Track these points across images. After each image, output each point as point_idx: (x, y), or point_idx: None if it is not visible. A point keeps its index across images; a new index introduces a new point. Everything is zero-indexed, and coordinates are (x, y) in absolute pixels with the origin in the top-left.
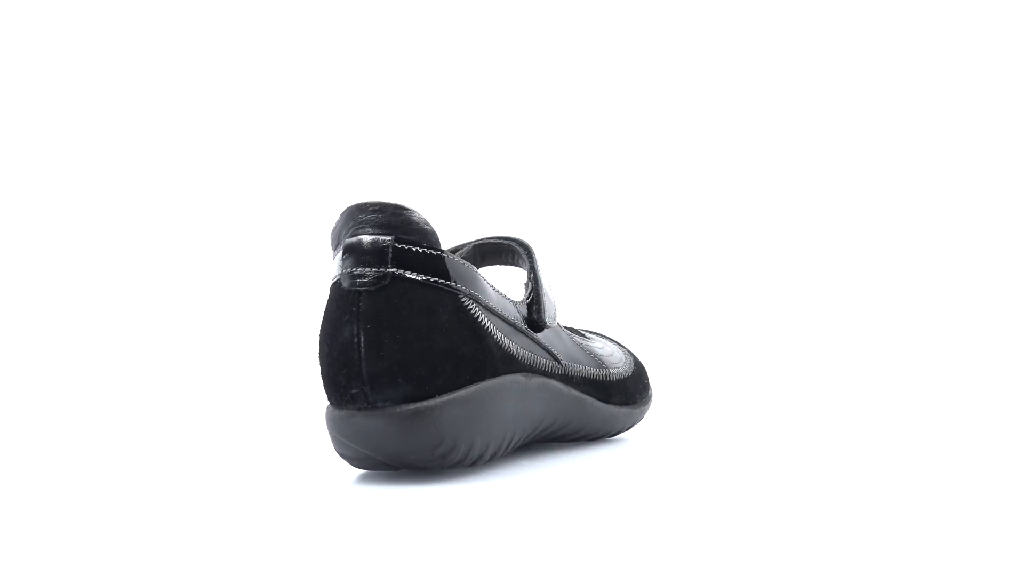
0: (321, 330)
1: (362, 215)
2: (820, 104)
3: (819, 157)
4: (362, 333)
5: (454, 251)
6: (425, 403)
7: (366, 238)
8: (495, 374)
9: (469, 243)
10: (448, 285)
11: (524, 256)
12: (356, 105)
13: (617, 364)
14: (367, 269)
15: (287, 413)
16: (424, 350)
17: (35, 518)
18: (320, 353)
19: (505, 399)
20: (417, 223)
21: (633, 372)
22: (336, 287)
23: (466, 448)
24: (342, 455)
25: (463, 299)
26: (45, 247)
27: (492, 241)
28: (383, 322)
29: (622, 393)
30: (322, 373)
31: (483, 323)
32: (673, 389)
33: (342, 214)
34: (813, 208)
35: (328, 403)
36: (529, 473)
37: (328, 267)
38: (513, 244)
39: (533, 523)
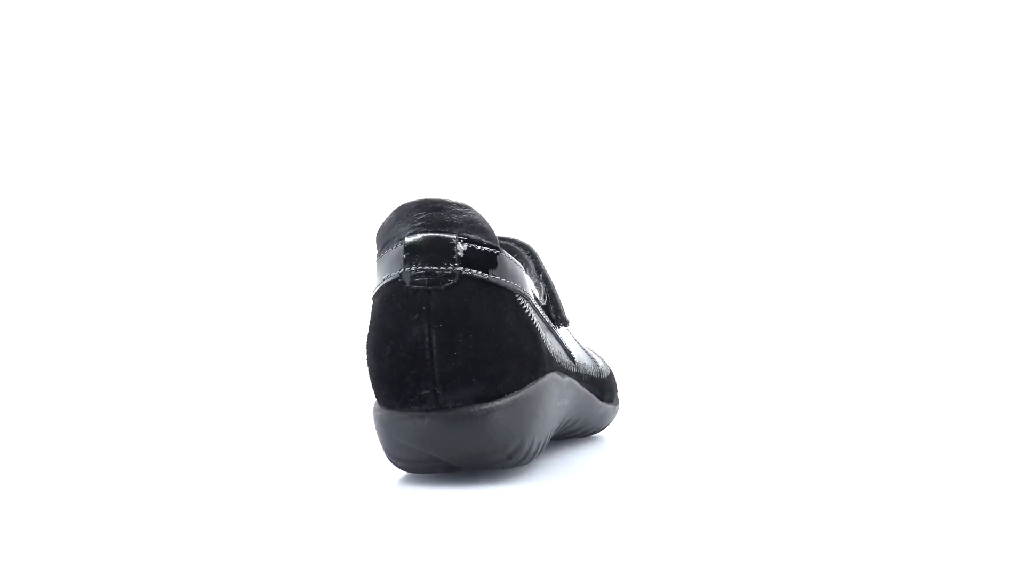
0: (379, 330)
1: (421, 213)
2: (811, 106)
3: (807, 158)
4: (433, 333)
5: None
6: (496, 403)
7: (430, 235)
8: (544, 372)
9: None
10: (507, 283)
11: (528, 258)
12: (356, 105)
13: (601, 362)
14: (435, 268)
15: (299, 414)
16: (495, 349)
17: (46, 519)
18: (379, 354)
19: (550, 397)
20: (478, 221)
21: (610, 370)
22: (396, 286)
23: (528, 446)
24: (397, 458)
25: (518, 297)
26: (49, 248)
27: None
28: (455, 321)
29: (610, 390)
30: (379, 375)
31: (535, 321)
32: (661, 388)
33: (395, 212)
34: (799, 209)
35: (380, 406)
36: (550, 470)
37: (376, 266)
38: (513, 245)
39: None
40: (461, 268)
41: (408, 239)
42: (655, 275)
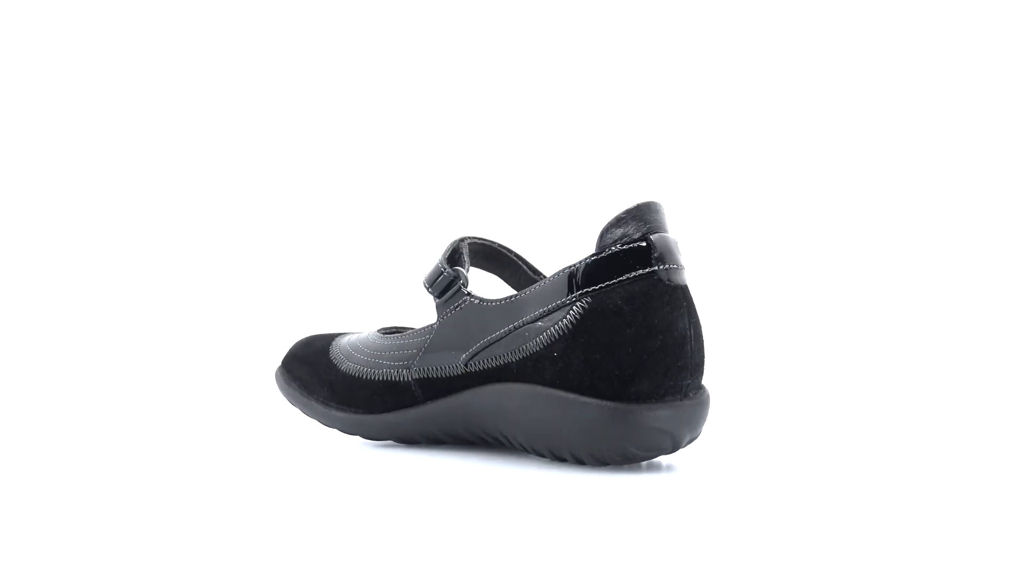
0: (642, 325)
1: (653, 215)
2: (803, 108)
3: (807, 164)
4: (692, 327)
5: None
6: (707, 390)
7: (667, 236)
8: None
9: (462, 241)
10: None
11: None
12: (355, 106)
13: None
14: (681, 267)
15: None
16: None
17: (43, 518)
18: (645, 348)
19: None
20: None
21: None
22: (652, 282)
23: None
24: (640, 447)
25: None
26: (49, 248)
27: (492, 245)
28: (698, 315)
29: None
30: (640, 368)
31: None
32: None
33: (627, 212)
34: (799, 210)
35: (618, 402)
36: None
37: (598, 264)
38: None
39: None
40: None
41: (654, 237)
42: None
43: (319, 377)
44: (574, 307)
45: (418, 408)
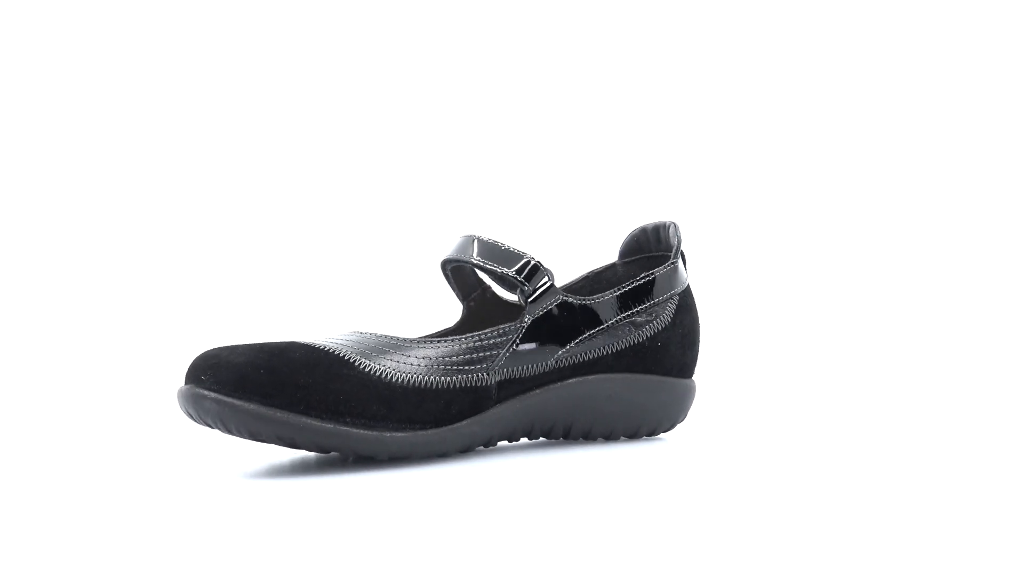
0: (698, 318)
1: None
2: (798, 110)
3: (804, 166)
4: None
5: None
6: None
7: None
8: None
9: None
10: None
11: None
12: (358, 106)
13: None
14: None
15: None
16: None
17: (36, 521)
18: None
19: None
20: None
21: None
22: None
23: None
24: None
25: None
26: (49, 248)
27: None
28: None
29: None
30: (692, 360)
31: None
32: None
33: (674, 224)
34: (797, 211)
35: (690, 378)
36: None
37: (677, 272)
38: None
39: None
40: None
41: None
42: None
43: (336, 393)
44: (670, 304)
45: (491, 411)
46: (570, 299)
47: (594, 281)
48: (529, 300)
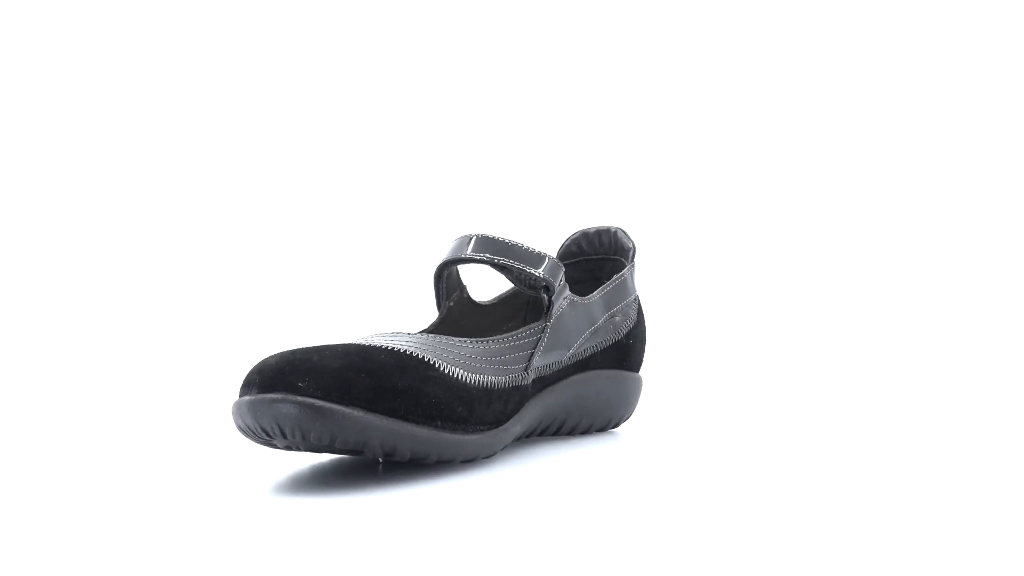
0: (644, 319)
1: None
2: (794, 111)
3: (798, 165)
4: None
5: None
6: None
7: None
8: None
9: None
10: None
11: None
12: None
13: None
14: None
15: None
16: None
17: (36, 525)
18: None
19: None
20: None
21: None
22: None
23: None
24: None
25: None
26: (49, 251)
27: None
28: None
29: None
30: None
31: None
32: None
33: (621, 230)
34: (791, 211)
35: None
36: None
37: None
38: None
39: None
40: None
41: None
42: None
43: (429, 396)
44: (635, 303)
45: (526, 409)
46: (576, 299)
47: None
48: (550, 298)
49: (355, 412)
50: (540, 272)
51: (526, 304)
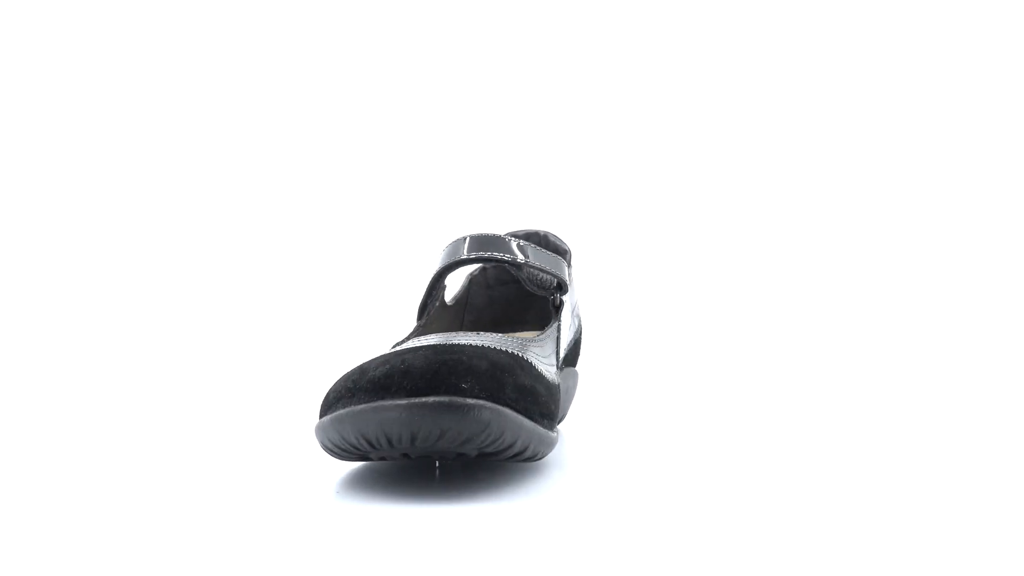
0: None
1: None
2: (792, 112)
3: (793, 162)
4: None
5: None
6: None
7: None
8: None
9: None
10: None
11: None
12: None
13: None
14: None
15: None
16: None
17: (40, 525)
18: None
19: None
20: None
21: None
22: None
23: None
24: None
25: None
26: (51, 253)
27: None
28: None
29: None
30: None
31: None
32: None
33: (551, 233)
34: (786, 210)
35: None
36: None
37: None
38: None
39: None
40: None
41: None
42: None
43: (539, 395)
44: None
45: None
46: (564, 298)
47: None
48: (559, 300)
49: (510, 412)
50: (564, 276)
51: (464, 306)
